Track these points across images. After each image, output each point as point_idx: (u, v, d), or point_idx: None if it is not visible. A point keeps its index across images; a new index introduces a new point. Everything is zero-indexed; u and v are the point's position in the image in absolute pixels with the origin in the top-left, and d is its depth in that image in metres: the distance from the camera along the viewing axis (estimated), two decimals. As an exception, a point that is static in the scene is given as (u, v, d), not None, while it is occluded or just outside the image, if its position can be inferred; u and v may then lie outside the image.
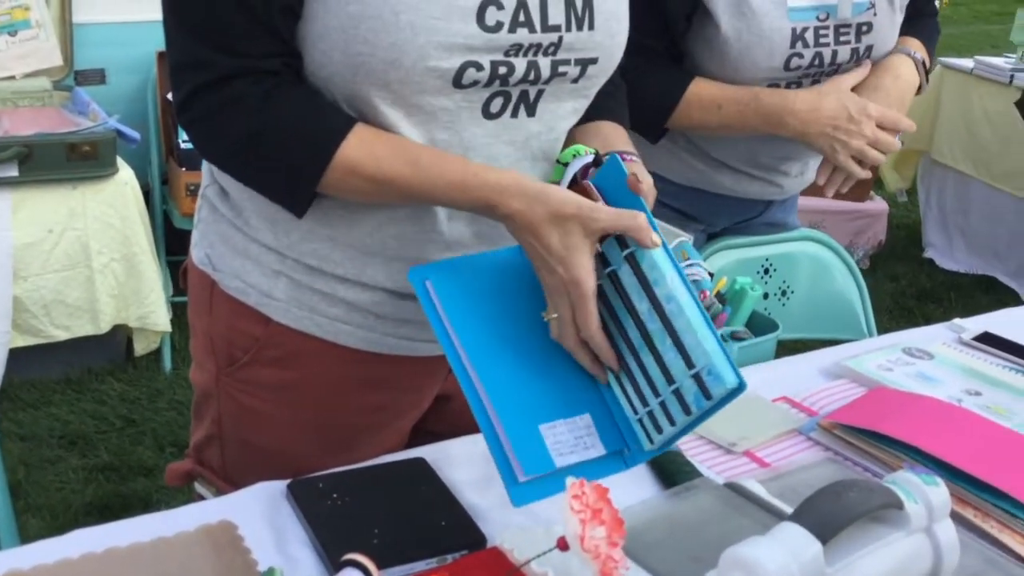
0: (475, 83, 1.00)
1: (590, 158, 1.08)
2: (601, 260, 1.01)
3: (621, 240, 0.99)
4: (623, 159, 1.08)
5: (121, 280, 2.81)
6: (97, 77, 3.20)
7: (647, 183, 1.03)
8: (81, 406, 2.83)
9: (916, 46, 1.62)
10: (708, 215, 1.74)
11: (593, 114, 1.16)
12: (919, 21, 1.66)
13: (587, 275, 0.97)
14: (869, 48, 1.57)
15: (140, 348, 2.98)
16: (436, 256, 1.09)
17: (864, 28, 1.55)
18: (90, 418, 2.79)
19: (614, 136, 1.16)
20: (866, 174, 1.56)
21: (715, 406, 0.95)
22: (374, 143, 1.00)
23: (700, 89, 1.52)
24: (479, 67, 0.99)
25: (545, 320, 1.03)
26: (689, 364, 0.95)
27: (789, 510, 0.83)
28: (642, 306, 0.98)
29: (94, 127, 2.73)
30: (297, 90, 1.01)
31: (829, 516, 0.81)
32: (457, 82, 0.99)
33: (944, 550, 0.88)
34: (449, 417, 1.27)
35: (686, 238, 1.55)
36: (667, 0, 1.47)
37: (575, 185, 1.07)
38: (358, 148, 0.99)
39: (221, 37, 0.97)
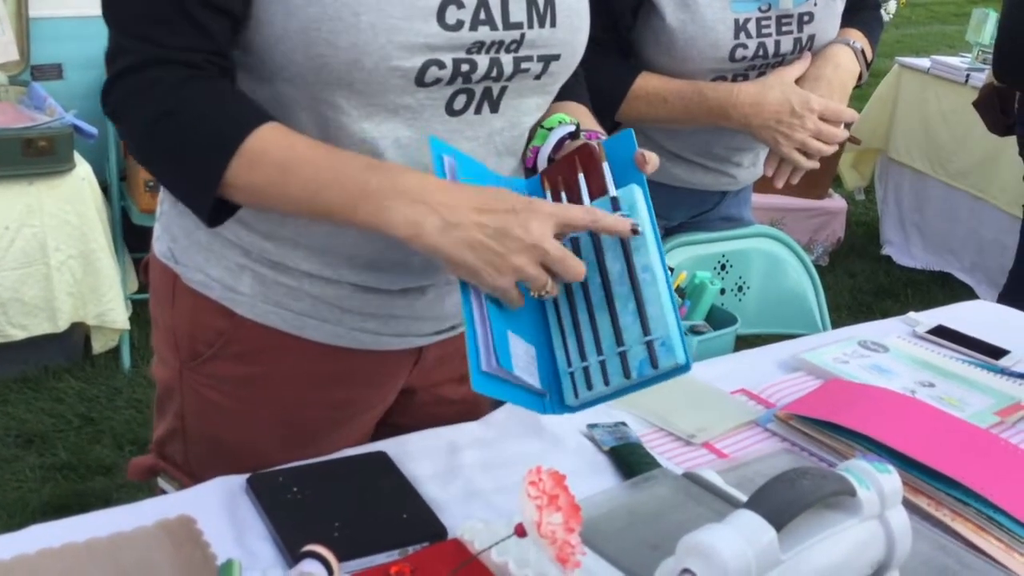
0: (438, 81, 1.01)
1: (573, 127, 1.10)
2: None
3: (615, 201, 1.01)
4: (591, 138, 1.09)
5: (79, 277, 2.78)
6: (54, 72, 3.16)
7: (652, 163, 1.02)
8: (38, 405, 2.80)
9: (856, 36, 1.65)
10: (665, 208, 1.76)
11: (557, 97, 1.17)
12: (861, 13, 1.70)
13: (541, 202, 0.97)
14: (811, 38, 1.60)
15: (98, 346, 2.95)
16: (397, 254, 1.09)
17: (806, 18, 1.58)
18: (47, 416, 2.76)
19: (582, 115, 1.17)
20: (813, 165, 1.58)
21: (655, 378, 0.97)
22: (288, 133, 0.98)
23: (646, 83, 1.55)
24: (441, 65, 0.99)
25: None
26: (646, 331, 0.96)
27: (746, 499, 0.84)
28: (615, 267, 0.99)
29: (51, 122, 2.70)
30: (215, 81, 0.99)
31: (783, 503, 0.82)
32: (420, 80, 0.99)
33: (897, 536, 0.90)
34: (413, 410, 1.27)
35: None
36: None
37: (559, 152, 1.09)
38: (271, 135, 0.97)
39: (146, 27, 0.97)
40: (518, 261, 0.93)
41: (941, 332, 1.61)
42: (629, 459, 1.16)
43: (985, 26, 3.97)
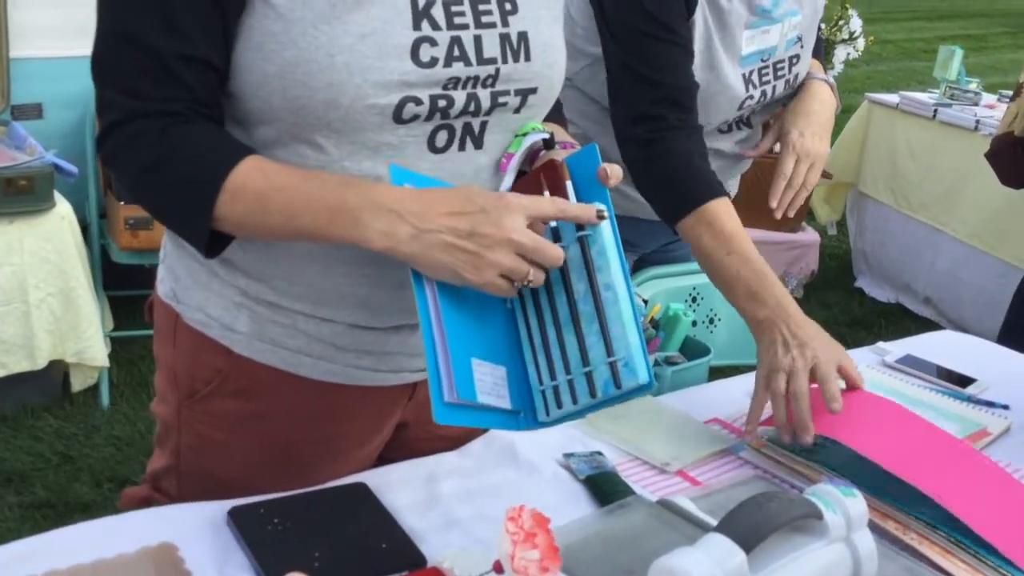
0: (416, 117, 1.03)
1: (547, 134, 1.12)
2: (553, 236, 1.04)
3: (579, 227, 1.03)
4: (563, 147, 1.12)
5: (58, 315, 2.78)
6: (34, 112, 3.17)
7: (616, 177, 1.04)
8: (16, 443, 2.78)
9: (817, 66, 1.72)
10: (639, 238, 1.80)
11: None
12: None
13: (511, 196, 0.99)
14: (796, 75, 1.67)
15: (77, 384, 2.94)
16: (388, 293, 1.11)
17: (794, 60, 1.65)
18: (26, 455, 2.74)
19: (556, 130, 1.20)
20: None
21: (620, 396, 0.99)
22: (267, 164, 1.02)
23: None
24: (418, 101, 1.02)
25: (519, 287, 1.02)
26: (609, 352, 0.99)
27: (717, 524, 0.87)
28: (580, 287, 1.02)
29: (31, 161, 2.71)
30: (197, 126, 1.03)
31: (752, 527, 0.85)
32: (398, 117, 1.02)
33: (863, 558, 0.92)
34: (405, 445, 1.29)
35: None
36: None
37: (534, 162, 1.12)
38: (249, 167, 1.01)
39: (130, 82, 1.01)
40: (495, 256, 0.96)
41: (910, 361, 1.64)
42: (604, 487, 1.18)
43: (952, 63, 4.06)
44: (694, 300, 1.86)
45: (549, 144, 1.13)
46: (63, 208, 2.78)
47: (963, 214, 3.84)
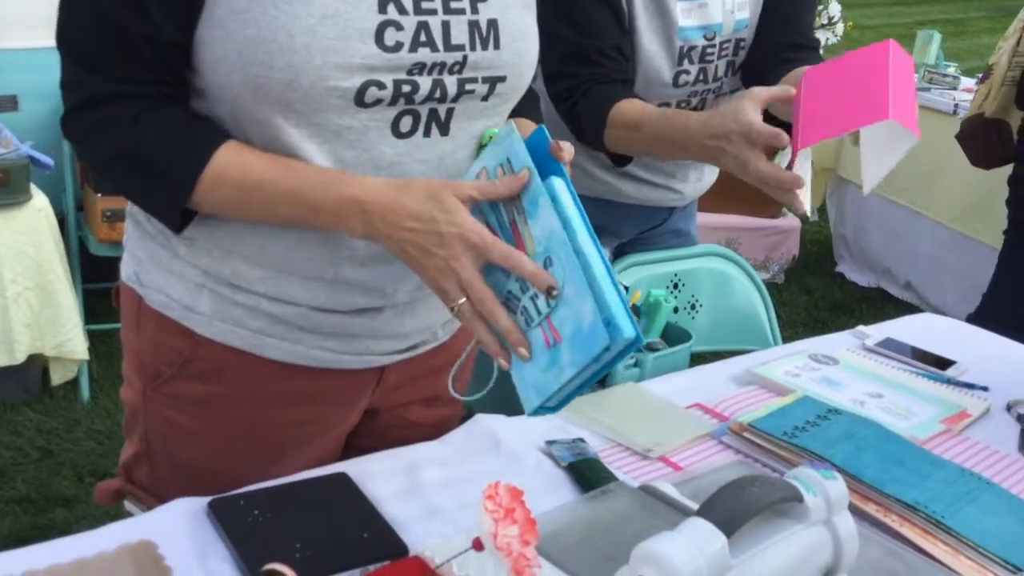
0: (379, 101, 1.02)
1: None
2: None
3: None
4: None
5: (36, 309, 2.76)
6: (9, 104, 3.14)
7: (568, 151, 1.02)
8: (-4, 438, 2.77)
9: None
10: (615, 225, 1.80)
11: (509, 117, 1.19)
12: (806, 54, 1.66)
13: (477, 226, 0.98)
14: (743, 64, 1.65)
15: (57, 378, 2.92)
16: (353, 273, 1.11)
17: (741, 43, 1.64)
18: (5, 450, 2.72)
19: (527, 128, 1.19)
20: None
21: (612, 360, 0.94)
22: (245, 151, 1.03)
23: (624, 109, 1.52)
24: (381, 86, 1.01)
25: (452, 310, 1.00)
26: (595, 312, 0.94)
27: (699, 509, 0.87)
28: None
29: (6, 154, 2.68)
30: (168, 111, 1.03)
31: (733, 511, 0.85)
32: (360, 101, 1.01)
33: (843, 540, 0.93)
34: (379, 432, 1.29)
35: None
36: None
37: None
38: (228, 157, 1.02)
39: (98, 61, 1.01)
40: (455, 266, 0.98)
41: (889, 344, 1.65)
42: (587, 474, 1.18)
43: (930, 47, 4.08)
44: (675, 287, 1.86)
45: None
46: (39, 201, 2.75)
47: (944, 198, 3.85)
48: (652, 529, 0.86)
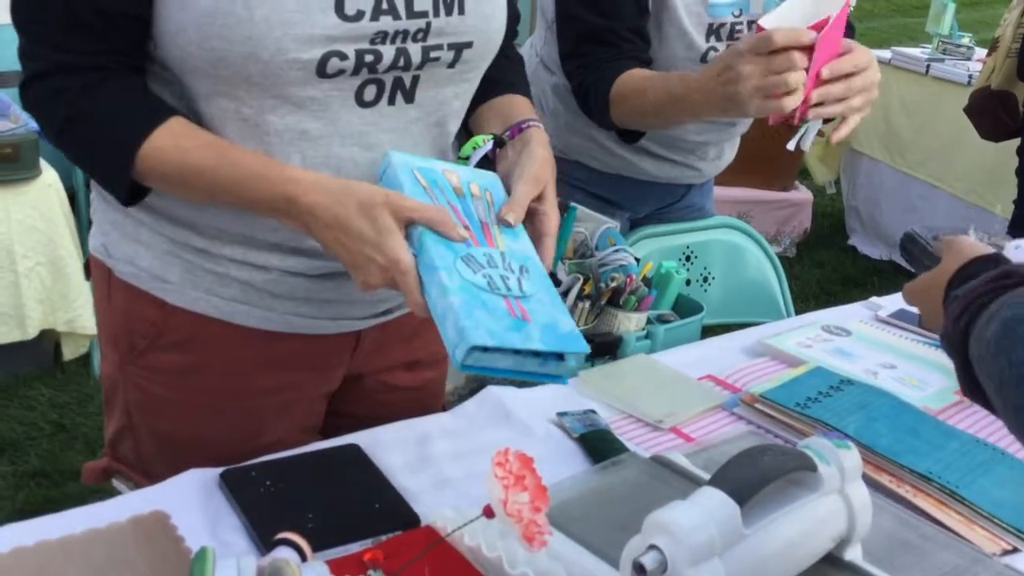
0: (341, 72, 1.01)
1: (490, 145, 1.10)
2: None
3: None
4: (523, 127, 1.10)
5: (47, 284, 2.76)
6: (17, 79, 3.13)
7: (514, 216, 1.04)
8: (9, 413, 2.78)
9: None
10: (631, 202, 1.78)
11: (494, 89, 1.18)
12: None
13: (404, 253, 0.96)
14: None
15: (69, 352, 2.93)
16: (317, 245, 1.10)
17: None
18: (19, 424, 2.74)
19: (516, 108, 1.18)
20: (795, 102, 1.34)
21: (550, 362, 0.96)
22: (184, 135, 1.02)
23: (630, 79, 1.50)
24: (343, 56, 1.00)
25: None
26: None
27: (711, 479, 0.86)
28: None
29: (15, 128, 2.68)
30: (117, 83, 1.02)
31: (746, 480, 0.84)
32: (322, 72, 1.00)
33: (857, 510, 0.92)
34: (363, 398, 1.28)
35: (612, 225, 1.59)
36: None
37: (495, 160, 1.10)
38: (166, 138, 1.01)
39: (52, 33, 1.01)
40: (375, 281, 0.98)
41: (903, 315, 1.64)
42: (598, 445, 1.18)
43: (944, 17, 4.02)
44: (688, 259, 1.85)
45: (500, 143, 1.11)
46: (49, 176, 2.75)
47: (959, 170, 3.82)
48: (664, 499, 0.85)
